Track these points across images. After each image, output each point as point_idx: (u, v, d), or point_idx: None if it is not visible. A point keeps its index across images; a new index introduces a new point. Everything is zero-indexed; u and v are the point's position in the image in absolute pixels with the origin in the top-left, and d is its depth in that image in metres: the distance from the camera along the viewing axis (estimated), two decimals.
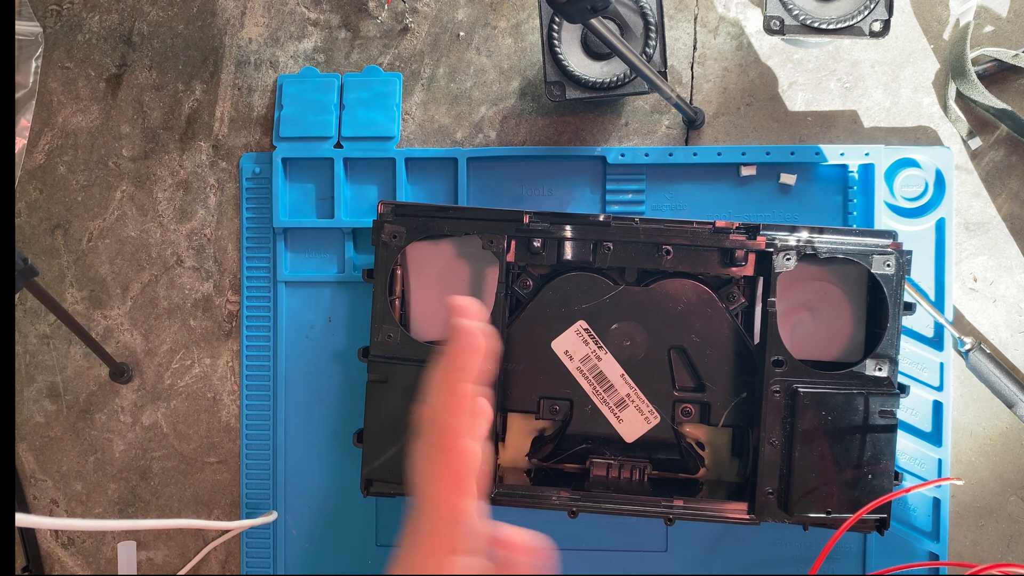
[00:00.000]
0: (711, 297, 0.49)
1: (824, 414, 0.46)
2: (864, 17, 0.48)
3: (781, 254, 0.47)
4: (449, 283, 0.51)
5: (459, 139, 0.57)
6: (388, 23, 0.58)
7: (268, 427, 0.56)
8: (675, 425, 0.50)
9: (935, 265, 0.53)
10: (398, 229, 0.49)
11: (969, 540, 0.53)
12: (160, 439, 0.58)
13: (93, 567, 0.58)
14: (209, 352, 0.58)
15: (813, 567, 0.45)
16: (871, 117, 0.54)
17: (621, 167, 0.54)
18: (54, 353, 0.59)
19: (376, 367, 0.49)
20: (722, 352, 0.49)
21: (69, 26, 0.60)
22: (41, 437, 0.59)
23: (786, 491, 0.46)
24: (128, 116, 0.59)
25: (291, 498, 0.56)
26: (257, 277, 0.57)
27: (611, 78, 0.50)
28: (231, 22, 0.59)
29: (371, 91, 0.56)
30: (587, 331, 0.49)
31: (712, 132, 0.55)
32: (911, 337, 0.53)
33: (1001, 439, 0.53)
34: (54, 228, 0.59)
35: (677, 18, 0.56)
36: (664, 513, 0.47)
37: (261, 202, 0.57)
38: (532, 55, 0.56)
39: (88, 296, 0.59)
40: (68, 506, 0.59)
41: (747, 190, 0.54)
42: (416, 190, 0.56)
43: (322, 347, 0.56)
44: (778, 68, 0.55)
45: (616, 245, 0.48)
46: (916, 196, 0.53)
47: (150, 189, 0.58)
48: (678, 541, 0.54)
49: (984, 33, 0.54)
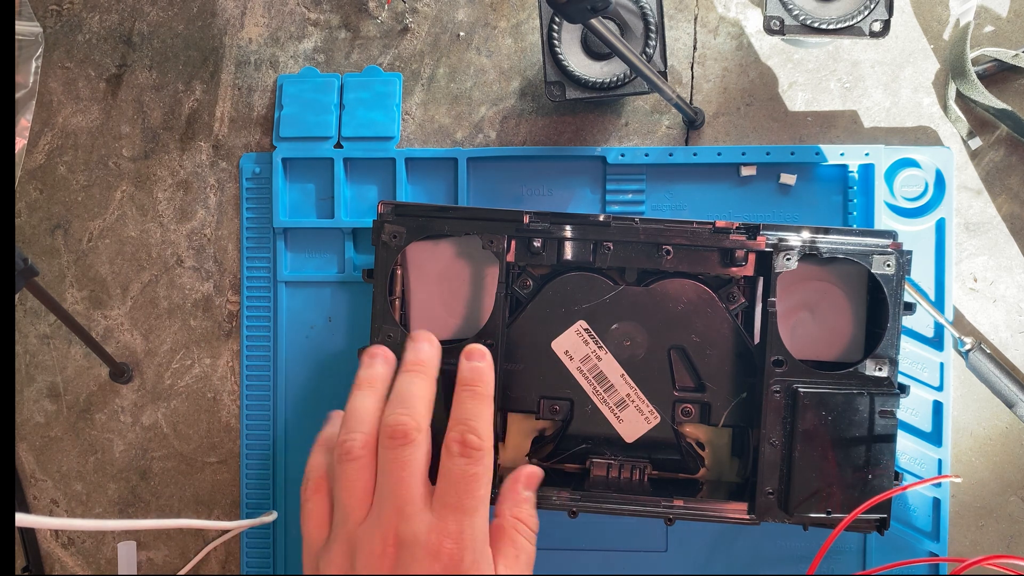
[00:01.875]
0: (711, 297, 0.49)
1: (824, 414, 0.46)
2: (864, 17, 0.48)
3: (781, 254, 0.47)
4: (449, 283, 0.51)
5: (459, 139, 0.57)
6: (388, 23, 0.58)
7: (268, 427, 0.56)
8: (675, 425, 0.50)
9: (935, 265, 0.53)
10: (398, 229, 0.49)
11: (969, 540, 0.53)
12: (160, 439, 0.58)
13: (93, 567, 0.58)
14: (209, 352, 0.58)
15: (811, 566, 0.45)
16: (871, 117, 0.54)
17: (621, 167, 0.54)
18: (54, 353, 0.59)
19: None
20: (722, 352, 0.49)
21: (69, 26, 0.60)
22: (41, 437, 0.59)
23: (786, 491, 0.46)
24: (128, 116, 0.59)
25: (291, 498, 0.56)
26: (257, 277, 0.57)
27: (611, 78, 0.50)
28: (231, 22, 0.59)
29: (371, 91, 0.56)
30: (587, 331, 0.49)
31: (712, 132, 0.55)
32: (911, 337, 0.53)
33: (1001, 439, 0.53)
34: (54, 228, 0.59)
35: (677, 18, 0.56)
36: (664, 513, 0.47)
37: (261, 202, 0.57)
38: (532, 55, 0.56)
39: (88, 296, 0.59)
40: (68, 506, 0.59)
41: (747, 190, 0.54)
42: (416, 190, 0.56)
43: (322, 347, 0.56)
44: (778, 68, 0.55)
45: (616, 245, 0.48)
46: (916, 196, 0.53)
47: (150, 189, 0.58)
48: (678, 541, 0.54)
49: (984, 33, 0.54)
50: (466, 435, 0.39)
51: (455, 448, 0.39)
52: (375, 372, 0.43)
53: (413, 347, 0.43)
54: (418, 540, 0.37)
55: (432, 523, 0.37)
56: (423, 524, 0.37)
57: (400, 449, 0.38)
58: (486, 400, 0.42)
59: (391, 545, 0.37)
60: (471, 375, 0.42)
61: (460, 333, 0.51)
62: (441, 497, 0.38)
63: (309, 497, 0.40)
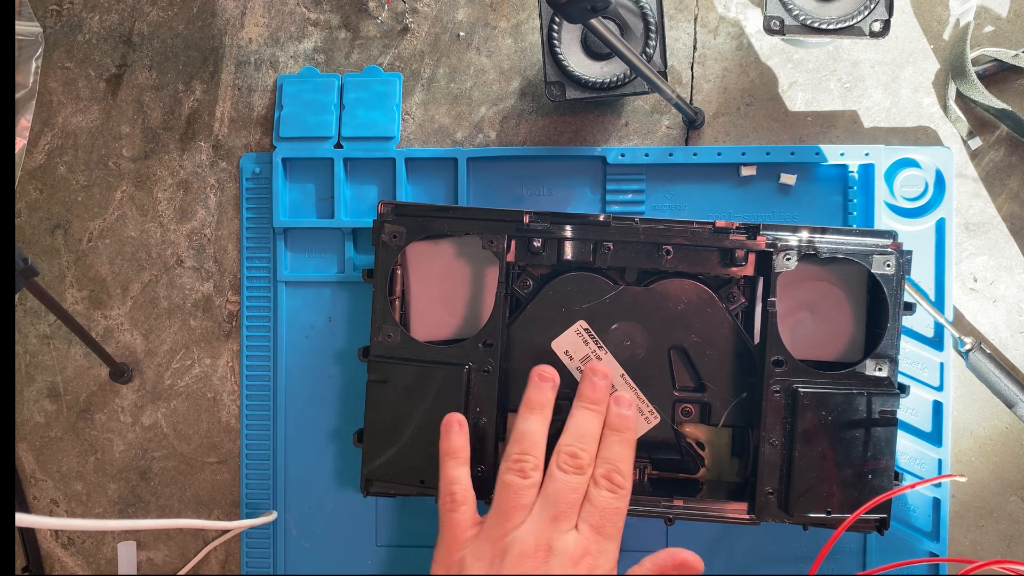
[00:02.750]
0: (711, 297, 0.49)
1: (824, 414, 0.46)
2: (864, 17, 0.48)
3: (781, 254, 0.47)
4: (449, 283, 0.51)
5: (459, 139, 0.57)
6: (388, 23, 0.58)
7: (268, 427, 0.56)
8: (675, 425, 0.50)
9: (935, 265, 0.53)
10: (398, 229, 0.49)
11: (969, 540, 0.53)
12: (160, 439, 0.58)
13: (93, 567, 0.58)
14: (209, 352, 0.58)
15: (813, 567, 0.45)
16: (871, 117, 0.54)
17: (621, 167, 0.54)
18: (54, 353, 0.59)
19: (376, 367, 0.49)
20: (722, 352, 0.49)
21: (69, 26, 0.60)
22: (41, 437, 0.59)
23: (786, 491, 0.46)
24: (128, 116, 0.59)
25: (291, 498, 0.56)
26: (257, 277, 0.57)
27: (611, 78, 0.50)
28: (231, 22, 0.59)
29: (371, 91, 0.56)
30: (587, 331, 0.49)
31: (712, 132, 0.55)
32: (911, 337, 0.53)
33: (1001, 439, 0.53)
34: (54, 228, 0.59)
35: (677, 18, 0.56)
36: (664, 513, 0.47)
37: (261, 202, 0.57)
38: (532, 55, 0.56)
39: (88, 296, 0.59)
40: (68, 506, 0.59)
41: (747, 190, 0.54)
42: (416, 190, 0.56)
43: (322, 347, 0.56)
44: (778, 68, 0.55)
45: (616, 245, 0.48)
46: (916, 196, 0.53)
47: (150, 189, 0.58)
48: (678, 541, 0.54)
49: (984, 33, 0.54)
50: (612, 474, 0.45)
51: (603, 482, 0.44)
52: (545, 397, 0.47)
53: (591, 383, 0.48)
54: (567, 550, 0.42)
55: (578, 539, 0.43)
56: (572, 538, 0.43)
57: (574, 475, 0.44)
58: (631, 446, 0.47)
59: (543, 549, 0.42)
60: (620, 422, 0.47)
61: (460, 333, 0.51)
62: (586, 519, 0.44)
63: (456, 507, 0.45)
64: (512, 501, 0.44)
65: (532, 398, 0.47)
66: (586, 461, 0.45)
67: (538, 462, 0.45)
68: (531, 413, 0.47)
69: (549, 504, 0.44)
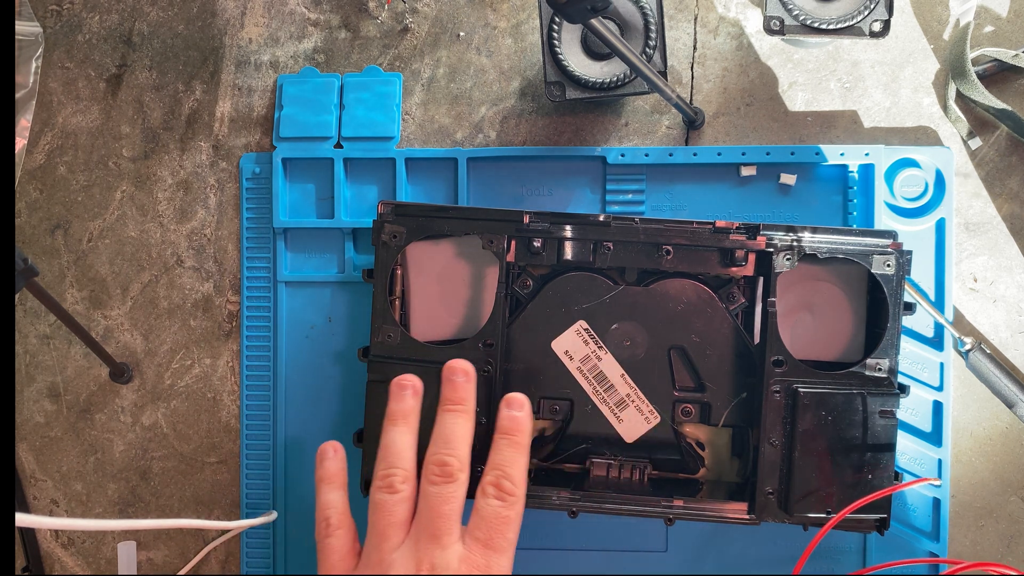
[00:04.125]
0: (711, 297, 0.49)
1: (824, 414, 0.46)
2: (864, 17, 0.48)
3: (781, 254, 0.47)
4: (449, 283, 0.51)
5: (459, 139, 0.57)
6: (388, 23, 0.58)
7: (268, 427, 0.56)
8: (675, 425, 0.50)
9: (935, 265, 0.53)
10: (398, 229, 0.49)
11: (969, 540, 0.53)
12: (160, 439, 0.58)
13: (93, 567, 0.58)
14: (209, 352, 0.58)
15: (797, 566, 0.45)
16: (871, 117, 0.54)
17: (621, 167, 0.54)
18: (54, 353, 0.59)
19: (376, 367, 0.49)
20: (722, 352, 0.49)
21: (69, 26, 0.60)
22: (41, 437, 0.59)
23: (786, 491, 0.46)
24: (128, 116, 0.59)
25: (291, 498, 0.56)
26: (257, 277, 0.57)
27: (611, 78, 0.50)
28: (231, 22, 0.59)
29: (371, 91, 0.56)
30: (587, 331, 0.49)
31: (712, 132, 0.55)
32: (911, 337, 0.53)
33: (1001, 439, 0.53)
34: (54, 228, 0.59)
35: (677, 18, 0.56)
36: (664, 513, 0.47)
37: (261, 202, 0.57)
38: (532, 55, 0.56)
39: (88, 296, 0.59)
40: (68, 506, 0.59)
41: (747, 190, 0.54)
42: (416, 190, 0.56)
43: (322, 347, 0.56)
44: (778, 68, 0.55)
45: (616, 245, 0.48)
46: (916, 196, 0.53)
47: (150, 189, 0.58)
48: (678, 541, 0.54)
49: (984, 33, 0.54)
50: (501, 480, 0.42)
51: (491, 491, 0.42)
52: (407, 406, 0.45)
53: (451, 384, 0.46)
54: (450, 567, 0.40)
55: (464, 555, 0.41)
56: (456, 555, 0.40)
57: (444, 485, 0.42)
58: (523, 449, 0.44)
59: (425, 569, 0.40)
60: (510, 424, 0.45)
61: (460, 333, 0.51)
62: (472, 532, 0.41)
63: (332, 533, 0.43)
64: (385, 519, 0.42)
65: (393, 409, 0.45)
66: (456, 467, 0.43)
67: (407, 474, 0.43)
68: (393, 425, 0.45)
69: (426, 521, 0.42)
